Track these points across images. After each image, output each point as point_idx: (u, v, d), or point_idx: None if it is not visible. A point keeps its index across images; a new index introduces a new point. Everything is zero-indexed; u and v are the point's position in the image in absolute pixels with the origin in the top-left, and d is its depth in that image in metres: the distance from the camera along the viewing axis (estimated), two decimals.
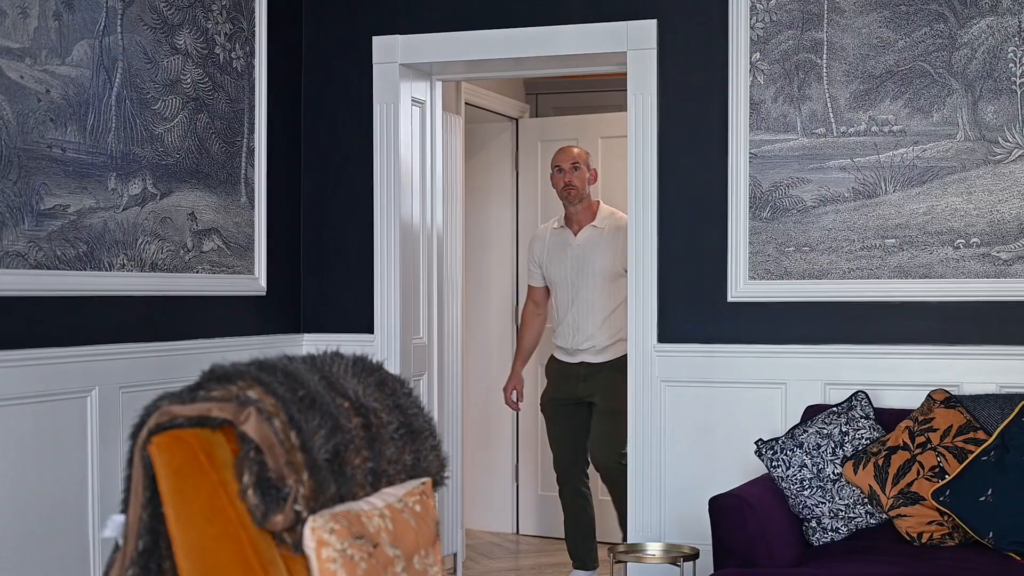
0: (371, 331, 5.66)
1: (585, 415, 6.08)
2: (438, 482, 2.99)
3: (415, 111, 5.83)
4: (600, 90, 7.81)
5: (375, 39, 5.68)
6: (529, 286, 6.31)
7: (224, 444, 2.46)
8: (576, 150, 6.11)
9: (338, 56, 5.76)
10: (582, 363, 6.03)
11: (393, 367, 5.45)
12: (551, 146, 7.32)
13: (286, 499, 2.43)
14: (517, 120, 7.62)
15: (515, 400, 6.31)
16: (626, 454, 5.43)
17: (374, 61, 5.68)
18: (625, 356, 5.44)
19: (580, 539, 6.18)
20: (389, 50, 5.66)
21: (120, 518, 2.46)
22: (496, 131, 7.58)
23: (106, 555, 4.36)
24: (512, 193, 7.55)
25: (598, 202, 6.13)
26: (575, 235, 6.02)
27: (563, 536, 6.36)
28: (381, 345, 5.60)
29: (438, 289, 6.09)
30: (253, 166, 5.36)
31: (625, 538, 5.57)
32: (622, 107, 7.59)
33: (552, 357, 6.20)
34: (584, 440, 6.11)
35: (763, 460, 4.53)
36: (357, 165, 5.72)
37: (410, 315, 5.79)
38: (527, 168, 7.47)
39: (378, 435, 2.77)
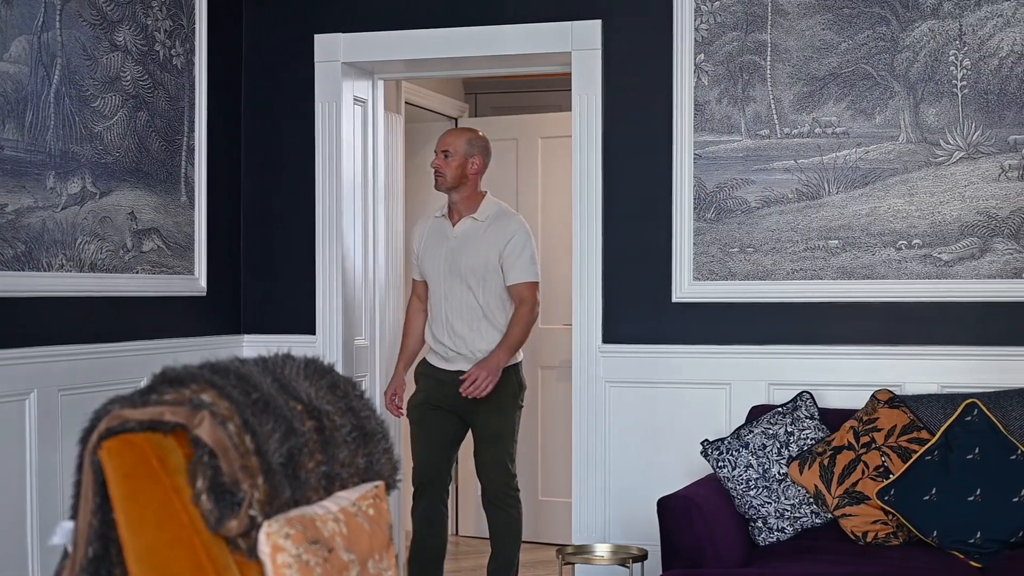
0: (313, 332, 5.61)
1: (458, 426, 5.33)
2: (391, 485, 2.96)
3: (357, 110, 5.79)
4: (539, 90, 7.80)
5: (317, 37, 5.63)
6: (413, 279, 5.60)
7: (176, 448, 2.41)
8: (451, 136, 5.37)
9: (279, 54, 5.70)
10: (459, 371, 5.18)
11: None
12: (491, 146, 7.30)
13: (240, 504, 2.39)
14: (456, 120, 7.59)
15: (397, 405, 5.41)
16: (516, 480, 5.25)
17: (316, 60, 5.63)
18: (512, 368, 5.17)
19: (422, 566, 5.35)
20: (331, 49, 5.61)
21: (69, 524, 2.41)
22: (435, 130, 7.51)
23: (46, 561, 4.29)
24: None
25: (484, 193, 5.38)
26: (453, 226, 5.34)
27: None
28: (323, 346, 5.55)
29: (379, 290, 6.05)
30: (193, 165, 5.29)
31: None
32: (561, 107, 7.62)
33: (424, 361, 5.38)
34: (451, 452, 5.43)
35: (709, 460, 4.54)
36: (299, 165, 5.66)
37: (352, 316, 5.75)
38: None
39: (331, 438, 2.74)
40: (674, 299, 5.19)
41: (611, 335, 5.27)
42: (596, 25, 5.28)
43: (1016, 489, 4.21)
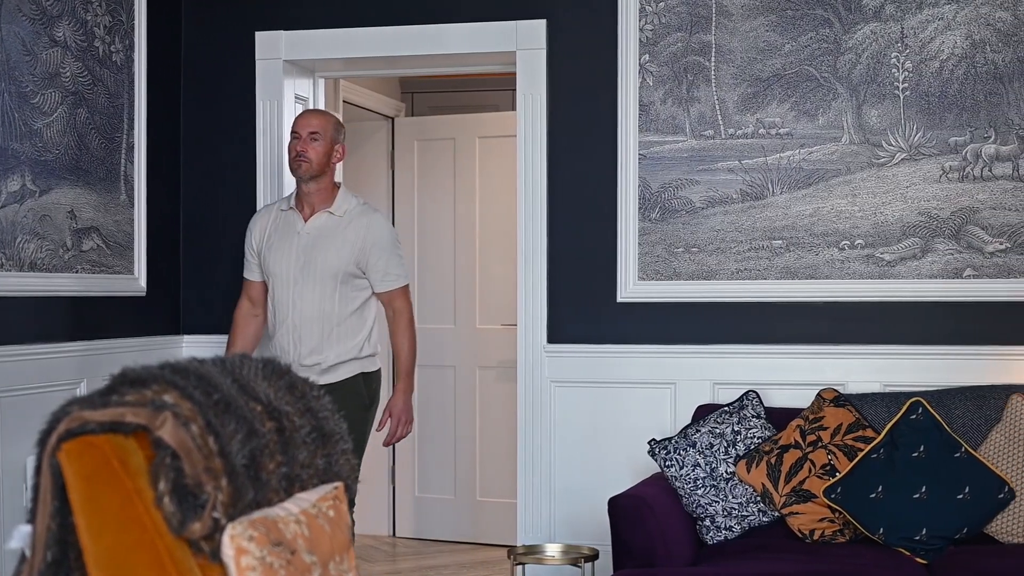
0: None
1: None
2: (349, 486, 2.95)
3: (298, 109, 5.73)
4: (477, 89, 7.78)
5: (258, 34, 5.58)
6: (244, 279, 5.04)
7: (137, 450, 2.37)
8: (319, 118, 4.89)
9: (220, 51, 5.64)
10: None
11: None
12: (427, 145, 7.29)
13: (204, 506, 2.36)
14: (393, 119, 7.56)
15: None
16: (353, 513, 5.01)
17: (257, 57, 5.57)
18: (357, 378, 4.83)
19: None
20: (272, 46, 5.56)
21: (27, 528, 2.36)
22: (371, 130, 7.51)
23: (2, 566, 4.20)
24: (387, 193, 7.48)
25: (339, 185, 4.97)
26: (305, 221, 4.82)
27: (441, 539, 6.18)
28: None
29: None
30: (133, 163, 5.22)
31: None
32: (499, 107, 7.62)
33: None
34: None
35: (656, 460, 4.55)
36: (239, 163, 5.60)
37: None
38: (403, 168, 7.41)
39: (291, 439, 2.72)
40: (619, 299, 5.20)
41: (556, 335, 5.28)
42: (541, 25, 5.28)
43: (960, 486, 4.27)
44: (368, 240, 4.77)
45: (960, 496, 4.26)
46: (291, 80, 5.64)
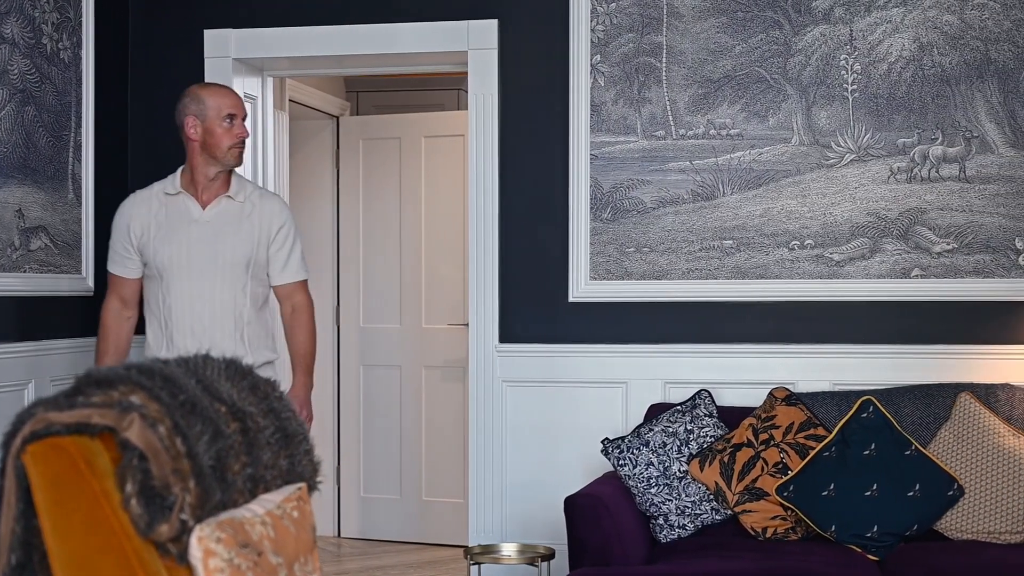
0: None
1: None
2: (312, 487, 2.94)
3: (247, 107, 5.68)
4: (422, 89, 7.77)
5: (207, 32, 5.53)
6: (113, 276, 4.46)
7: (103, 452, 2.35)
8: (240, 98, 4.51)
9: (168, 49, 5.58)
10: None
11: None
12: (373, 145, 7.27)
13: (171, 508, 2.35)
14: (338, 118, 7.52)
15: None
16: None
17: (206, 55, 5.53)
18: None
19: None
20: (222, 44, 5.52)
21: None
22: (316, 128, 7.47)
23: None
24: (332, 192, 7.45)
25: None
26: (203, 208, 4.36)
27: (387, 539, 6.12)
28: None
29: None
30: (80, 161, 5.15)
31: None
32: (444, 106, 7.61)
33: None
34: None
35: (610, 459, 4.57)
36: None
37: None
38: (348, 167, 7.38)
39: (255, 440, 2.71)
40: (571, 299, 5.21)
41: (508, 335, 5.28)
42: (492, 25, 5.28)
43: (911, 484, 4.32)
44: (273, 226, 4.40)
45: (911, 493, 4.31)
46: (240, 79, 5.59)
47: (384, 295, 7.20)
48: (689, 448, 4.57)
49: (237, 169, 4.49)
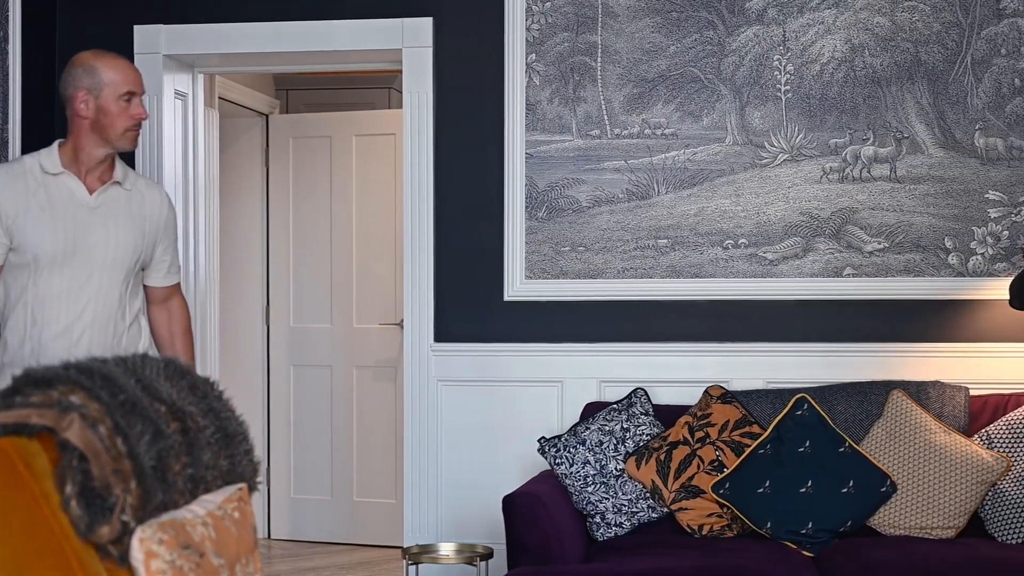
0: None
1: None
2: (252, 487, 2.91)
3: (178, 105, 5.63)
4: (352, 87, 7.73)
5: (136, 28, 5.45)
6: None
7: (41, 453, 2.31)
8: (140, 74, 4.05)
9: (97, 45, 5.42)
10: None
11: None
12: (303, 143, 7.21)
13: (112, 509, 2.31)
14: (268, 116, 7.46)
15: None
16: None
17: (135, 51, 5.45)
18: None
19: None
20: (152, 40, 5.44)
21: None
22: (246, 127, 7.40)
23: None
24: (262, 191, 7.39)
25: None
26: (91, 193, 3.84)
27: (318, 540, 6.05)
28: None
29: (199, 290, 5.89)
30: (8, 159, 5.05)
31: None
32: (375, 105, 7.58)
33: None
34: None
35: (547, 458, 4.57)
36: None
37: None
38: (278, 165, 7.32)
39: (196, 440, 2.67)
40: (506, 297, 5.21)
41: (443, 334, 5.26)
42: (427, 23, 5.26)
43: (845, 481, 4.37)
44: (162, 221, 3.96)
45: (845, 490, 4.36)
46: (171, 75, 5.52)
47: (315, 295, 7.15)
48: (625, 446, 4.58)
49: None
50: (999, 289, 4.89)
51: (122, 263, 3.85)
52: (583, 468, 4.52)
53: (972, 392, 4.74)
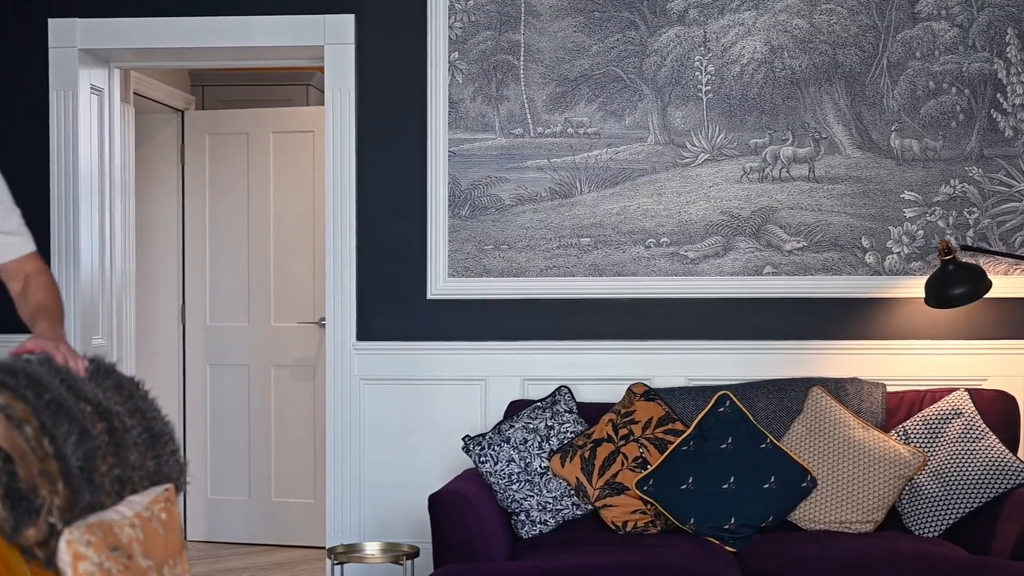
0: None
1: None
2: (179, 488, 2.88)
3: (94, 100, 5.54)
4: (269, 84, 7.65)
5: (51, 21, 5.35)
6: None
7: None
8: None
9: (10, 39, 5.39)
10: None
11: None
12: (219, 140, 7.14)
13: (39, 511, 2.28)
14: (183, 112, 7.37)
15: None
16: None
17: (50, 45, 5.35)
18: None
19: None
20: (67, 34, 5.35)
21: None
22: (161, 123, 7.30)
23: None
24: (177, 188, 7.29)
25: None
26: None
27: (235, 541, 5.95)
28: None
29: (116, 287, 5.81)
30: None
31: None
32: (292, 101, 7.51)
33: None
34: None
35: (471, 456, 4.57)
36: (31, 157, 5.36)
37: (89, 314, 5.50)
38: (194, 162, 7.23)
39: (122, 440, 2.64)
40: (429, 296, 5.20)
41: (365, 332, 5.24)
42: (349, 19, 5.23)
43: (766, 476, 4.42)
44: None
45: (766, 486, 4.41)
46: (87, 70, 5.43)
47: (231, 293, 7.08)
48: (550, 444, 4.59)
49: None
50: (915, 287, 4.98)
51: None
52: (508, 466, 4.52)
53: (889, 388, 4.82)
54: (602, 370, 5.07)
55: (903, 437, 4.59)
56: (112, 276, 5.77)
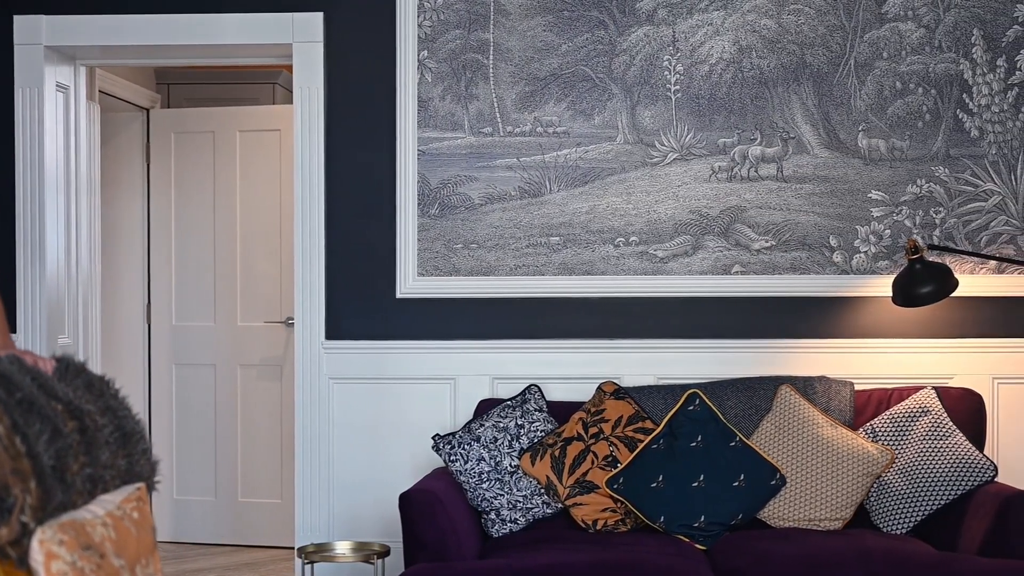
0: (13, 330, 5.29)
1: None
2: (151, 487, 2.87)
3: (59, 97, 5.50)
4: (236, 82, 7.63)
5: (16, 18, 5.31)
6: None
7: None
8: None
9: None
10: None
11: None
12: (185, 138, 7.10)
13: (11, 510, 2.26)
14: (148, 110, 7.33)
15: None
16: None
17: (15, 42, 5.31)
18: None
19: None
20: (33, 31, 5.31)
21: None
22: (126, 121, 7.26)
23: None
24: (143, 186, 7.26)
25: None
26: None
27: (202, 542, 5.90)
28: (25, 346, 5.24)
29: (82, 286, 5.77)
30: None
31: None
32: (259, 100, 7.49)
33: None
34: None
35: (441, 455, 4.56)
36: None
37: (55, 313, 5.46)
38: (159, 161, 7.19)
39: (94, 439, 2.62)
40: (398, 295, 5.19)
41: (335, 331, 5.22)
42: (318, 17, 5.22)
43: (736, 474, 4.44)
44: None
45: (736, 484, 4.42)
46: (52, 67, 5.40)
47: (197, 292, 7.05)
48: (520, 443, 4.59)
49: None
50: (882, 286, 5.02)
51: None
52: (478, 465, 4.52)
53: (857, 386, 4.85)
54: (572, 369, 5.08)
55: (871, 435, 4.62)
56: (78, 275, 5.73)
